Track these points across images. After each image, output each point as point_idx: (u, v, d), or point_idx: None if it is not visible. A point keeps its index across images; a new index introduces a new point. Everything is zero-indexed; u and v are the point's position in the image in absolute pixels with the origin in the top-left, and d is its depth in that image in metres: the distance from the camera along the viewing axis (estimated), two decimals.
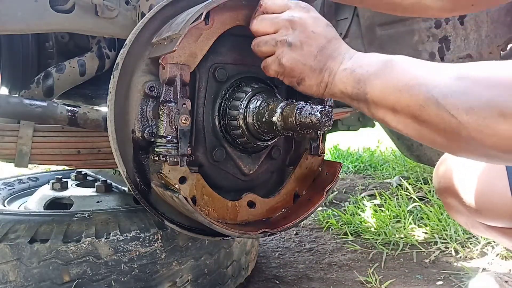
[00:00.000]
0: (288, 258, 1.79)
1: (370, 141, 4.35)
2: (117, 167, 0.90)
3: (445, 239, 1.88)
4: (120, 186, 1.59)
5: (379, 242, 1.90)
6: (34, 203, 1.52)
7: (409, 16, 1.63)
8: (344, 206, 2.47)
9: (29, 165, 1.32)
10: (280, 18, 0.84)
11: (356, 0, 1.21)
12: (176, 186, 0.84)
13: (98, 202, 1.44)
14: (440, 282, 1.53)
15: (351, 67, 0.78)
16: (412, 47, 1.76)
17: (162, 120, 0.85)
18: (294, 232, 2.11)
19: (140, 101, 0.90)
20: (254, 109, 0.90)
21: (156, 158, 0.86)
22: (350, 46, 0.84)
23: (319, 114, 0.77)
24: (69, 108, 1.19)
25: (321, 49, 0.81)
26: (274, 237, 2.02)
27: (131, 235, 1.16)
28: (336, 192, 2.85)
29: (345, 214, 2.21)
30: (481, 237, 1.82)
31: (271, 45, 0.84)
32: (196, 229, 0.99)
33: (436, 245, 1.85)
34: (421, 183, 2.72)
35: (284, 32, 0.83)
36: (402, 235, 1.94)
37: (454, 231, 1.90)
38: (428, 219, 2.07)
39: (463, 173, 1.11)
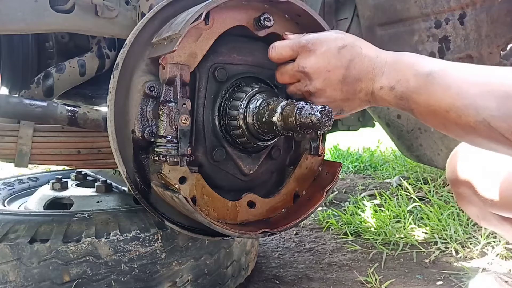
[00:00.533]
0: (288, 258, 1.79)
1: (370, 141, 4.35)
2: (117, 167, 0.90)
3: (445, 239, 1.88)
4: (120, 186, 1.59)
5: (379, 242, 1.90)
6: (34, 203, 1.52)
7: None
8: (344, 206, 2.47)
9: (29, 165, 1.32)
10: (294, 70, 0.86)
11: None
12: (176, 186, 0.84)
13: (98, 202, 1.44)
14: (440, 282, 1.53)
15: (388, 84, 0.77)
16: (412, 47, 1.76)
17: (162, 120, 0.85)
18: (294, 232, 2.11)
19: (140, 101, 0.90)
20: (254, 109, 0.90)
21: (156, 158, 0.86)
22: None
23: (319, 114, 0.77)
24: (69, 108, 1.19)
25: (343, 79, 0.81)
26: (274, 237, 2.02)
27: (131, 235, 1.16)
28: (336, 192, 2.86)
29: (345, 214, 2.21)
30: (481, 237, 1.82)
31: (300, 94, 0.89)
32: (196, 229, 0.99)
33: (436, 245, 1.85)
34: (421, 183, 2.72)
35: (303, 82, 0.85)
36: (402, 235, 1.94)
37: (454, 231, 1.90)
38: (428, 219, 2.07)
39: (478, 162, 1.11)
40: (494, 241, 1.79)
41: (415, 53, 0.79)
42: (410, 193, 2.40)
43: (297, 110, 0.80)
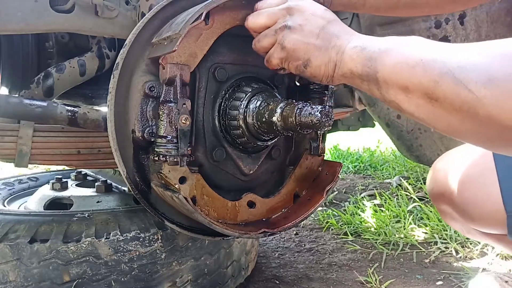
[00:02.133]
0: (288, 258, 1.79)
1: (370, 141, 4.35)
2: (117, 167, 0.90)
3: (445, 239, 1.88)
4: (120, 186, 1.59)
5: (379, 242, 1.90)
6: (34, 203, 1.52)
7: (409, 16, 1.62)
8: (344, 206, 2.47)
9: (29, 165, 1.32)
10: (276, 8, 0.83)
11: (357, 5, 1.19)
12: (176, 186, 0.84)
13: (98, 202, 1.44)
14: (440, 282, 1.53)
15: (361, 44, 0.75)
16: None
17: (162, 120, 0.85)
18: (294, 232, 2.11)
19: (140, 101, 0.90)
20: (254, 109, 0.90)
21: (156, 158, 0.86)
22: None
23: (319, 114, 0.77)
24: (69, 108, 1.19)
25: (323, 28, 0.80)
26: (274, 237, 2.02)
27: (131, 235, 1.16)
28: (336, 192, 2.86)
29: (345, 214, 2.21)
30: None
31: (271, 35, 0.84)
32: (196, 229, 0.99)
33: (436, 245, 1.85)
34: (421, 183, 2.72)
35: (281, 20, 0.82)
36: (402, 235, 1.94)
37: (454, 231, 1.89)
38: (428, 219, 2.07)
39: (456, 180, 1.10)
40: None
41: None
42: (410, 193, 2.40)
43: (297, 110, 0.80)
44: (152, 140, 0.89)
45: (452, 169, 1.13)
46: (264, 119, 0.87)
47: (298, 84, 1.06)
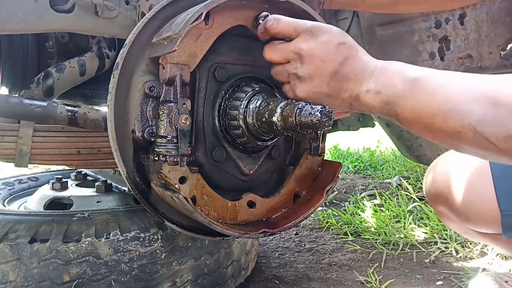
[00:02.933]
0: (288, 258, 1.79)
1: (370, 141, 4.35)
2: (117, 167, 0.90)
3: (445, 239, 1.88)
4: (120, 186, 1.59)
5: (379, 242, 1.90)
6: (34, 203, 1.52)
7: (410, 12, 1.62)
8: (344, 206, 2.47)
9: (29, 165, 1.32)
10: (289, 50, 0.83)
11: (358, 2, 1.19)
12: (176, 186, 0.84)
13: (98, 202, 1.44)
14: (440, 282, 1.53)
15: (374, 88, 0.76)
16: (412, 47, 1.76)
17: (162, 120, 0.85)
18: (294, 232, 2.11)
19: (140, 101, 0.90)
20: (254, 109, 0.90)
21: (156, 158, 0.86)
22: None
23: (319, 114, 0.77)
24: (69, 108, 1.19)
25: (334, 74, 0.80)
26: (274, 237, 2.02)
27: (131, 235, 1.16)
28: (336, 192, 2.86)
29: (345, 214, 2.21)
30: None
31: (285, 76, 0.86)
32: (196, 229, 0.99)
33: (436, 245, 1.85)
34: (421, 183, 2.72)
35: (293, 64, 0.83)
36: (402, 235, 1.94)
37: (454, 231, 1.89)
38: (428, 219, 2.07)
39: (452, 180, 1.11)
40: None
41: (403, 62, 0.79)
42: (410, 193, 2.40)
43: (297, 110, 0.80)
44: (152, 140, 0.89)
45: (448, 170, 1.14)
46: (264, 119, 0.87)
47: None
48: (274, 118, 0.84)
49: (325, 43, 0.81)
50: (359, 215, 2.23)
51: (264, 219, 1.01)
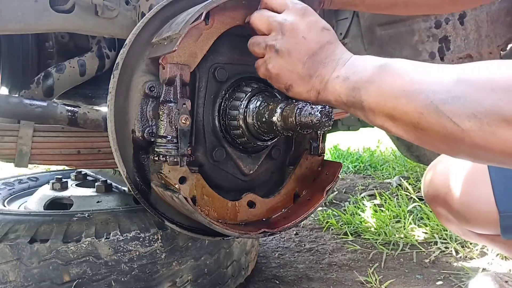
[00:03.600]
0: (288, 258, 1.79)
1: (370, 141, 4.35)
2: (117, 167, 0.90)
3: (445, 239, 1.88)
4: (120, 186, 1.59)
5: (379, 242, 1.90)
6: (34, 203, 1.52)
7: (409, 14, 1.63)
8: (344, 206, 2.47)
9: (29, 165, 1.32)
10: (275, 19, 0.82)
11: (357, 1, 1.19)
12: (176, 186, 0.84)
13: (98, 202, 1.44)
14: (440, 282, 1.53)
15: (344, 74, 0.75)
16: (412, 47, 1.76)
17: (162, 120, 0.85)
18: (294, 232, 2.11)
19: (140, 101, 0.90)
20: (254, 109, 0.90)
21: (156, 158, 0.86)
22: (350, 46, 0.83)
23: (319, 114, 0.77)
24: (69, 108, 1.19)
25: (312, 55, 0.79)
26: (274, 237, 2.02)
27: (131, 235, 1.16)
28: (336, 192, 2.86)
29: (345, 214, 2.21)
30: None
31: (262, 48, 0.84)
32: (196, 229, 0.99)
33: (436, 245, 1.85)
34: (421, 183, 2.72)
35: (274, 35, 0.81)
36: (402, 235, 1.94)
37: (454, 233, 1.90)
38: (428, 219, 2.07)
39: (450, 181, 1.11)
40: None
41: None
42: (410, 193, 2.40)
43: (297, 110, 0.80)
44: (152, 140, 0.89)
45: (446, 171, 1.14)
46: (264, 119, 0.87)
47: None
48: (274, 118, 0.84)
49: (311, 23, 0.80)
50: (359, 215, 2.23)
51: (264, 219, 1.02)
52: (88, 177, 1.78)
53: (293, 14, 0.81)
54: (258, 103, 0.90)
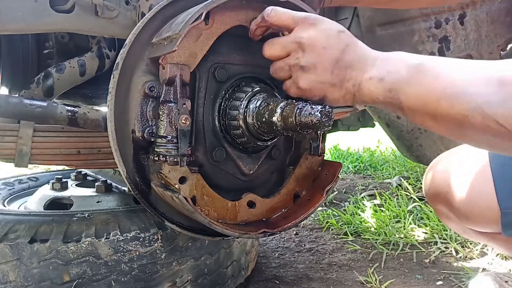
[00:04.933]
0: (288, 258, 1.79)
1: (370, 141, 4.35)
2: (117, 167, 0.90)
3: (445, 239, 1.88)
4: (120, 186, 1.59)
5: (379, 242, 1.90)
6: (34, 203, 1.52)
7: (409, 7, 1.62)
8: (344, 206, 2.47)
9: (29, 165, 1.32)
10: (289, 41, 0.82)
11: None
12: (176, 186, 0.84)
13: (98, 202, 1.44)
14: (440, 282, 1.53)
15: (378, 75, 0.74)
16: (412, 47, 1.76)
17: (162, 120, 0.85)
18: (294, 232, 2.11)
19: (140, 101, 0.90)
20: (254, 109, 0.90)
21: (156, 158, 0.86)
22: None
23: (319, 114, 0.77)
24: (69, 108, 1.19)
25: (336, 62, 0.78)
26: (274, 237, 2.02)
27: (131, 235, 1.16)
28: (336, 192, 2.86)
29: (345, 214, 2.21)
30: None
31: (286, 70, 0.84)
32: (196, 229, 0.99)
33: (436, 245, 1.85)
34: (421, 183, 2.72)
35: (295, 55, 0.81)
36: (402, 235, 1.94)
37: (454, 231, 1.89)
38: (428, 219, 2.07)
39: (451, 179, 1.11)
40: None
41: (405, 52, 0.77)
42: (410, 193, 2.40)
43: (297, 110, 0.80)
44: (152, 140, 0.89)
45: (447, 169, 1.14)
46: (264, 119, 0.87)
47: None
48: (274, 118, 0.84)
49: (325, 30, 0.80)
50: (359, 215, 2.23)
51: (264, 219, 1.02)
52: (88, 177, 1.78)
53: (304, 28, 0.81)
54: (258, 103, 0.90)
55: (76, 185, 1.65)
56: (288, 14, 0.83)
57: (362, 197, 2.62)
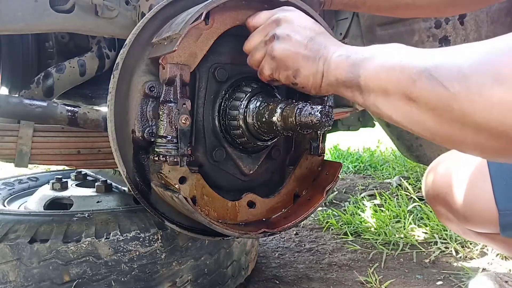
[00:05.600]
0: (288, 258, 1.79)
1: (370, 141, 4.35)
2: (117, 167, 0.90)
3: (445, 239, 1.88)
4: (120, 186, 1.59)
5: (379, 242, 1.90)
6: (34, 203, 1.52)
7: (410, 16, 1.63)
8: (344, 206, 2.47)
9: (29, 165, 1.32)
10: (266, 23, 0.85)
11: (358, 3, 1.19)
12: (176, 186, 0.84)
13: (98, 202, 1.44)
14: (440, 282, 1.53)
15: (346, 53, 0.76)
16: (412, 47, 1.76)
17: (162, 120, 0.85)
18: (294, 232, 2.11)
19: (140, 101, 0.90)
20: (254, 109, 0.90)
21: (156, 158, 0.86)
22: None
23: (319, 114, 0.77)
24: (69, 108, 1.19)
25: (311, 39, 0.81)
26: (274, 237, 2.02)
27: (131, 235, 1.16)
28: (336, 192, 2.86)
29: (345, 214, 2.21)
30: None
31: (262, 48, 0.86)
32: (196, 229, 0.99)
33: (436, 245, 1.85)
34: (421, 183, 2.72)
35: (271, 30, 0.84)
36: (402, 235, 1.94)
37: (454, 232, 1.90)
38: (428, 219, 2.07)
39: (450, 180, 1.11)
40: None
41: None
42: (410, 193, 2.40)
43: (297, 110, 0.80)
44: (152, 140, 0.89)
45: (447, 170, 1.14)
46: (264, 119, 0.87)
47: None
48: (274, 118, 0.84)
49: (302, 16, 0.85)
50: (359, 215, 2.23)
51: (264, 219, 1.02)
52: (88, 177, 1.78)
53: (282, 10, 0.86)
54: (258, 103, 0.90)
55: (76, 185, 1.65)
56: (266, 12, 0.88)
57: (362, 197, 2.62)
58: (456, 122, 0.60)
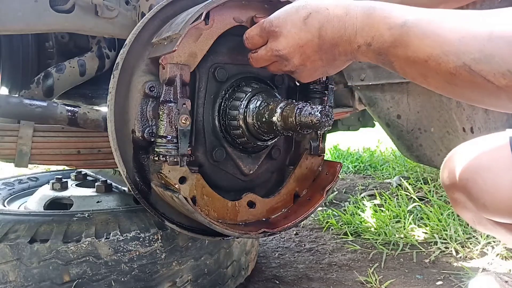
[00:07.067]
0: (288, 258, 1.79)
1: (370, 141, 4.35)
2: (117, 167, 0.90)
3: (445, 239, 1.88)
4: (120, 186, 1.59)
5: (379, 242, 1.90)
6: (34, 203, 1.52)
7: None
8: (344, 206, 2.47)
9: (29, 165, 1.32)
10: (268, 54, 0.84)
11: None
12: (176, 186, 0.84)
13: (98, 202, 1.44)
14: (440, 282, 1.53)
15: (364, 42, 0.74)
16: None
17: (162, 120, 0.85)
18: (294, 232, 2.11)
19: (140, 101, 0.90)
20: (254, 109, 0.90)
21: (156, 158, 0.86)
22: None
23: (319, 114, 0.77)
24: (69, 108, 1.19)
25: (319, 49, 0.79)
26: (274, 237, 2.02)
27: (131, 235, 1.16)
28: (336, 192, 2.86)
29: (345, 214, 2.21)
30: (481, 237, 1.82)
31: (283, 72, 0.88)
32: (196, 229, 0.99)
33: (436, 245, 1.85)
34: (421, 183, 2.72)
35: (281, 63, 0.84)
36: (402, 235, 1.94)
37: (454, 231, 1.90)
38: (428, 219, 2.07)
39: (472, 167, 1.10)
40: (494, 241, 1.80)
41: (386, 2, 0.75)
42: (410, 193, 2.40)
43: (297, 110, 0.80)
44: (152, 140, 0.89)
45: (466, 157, 1.12)
46: (264, 119, 0.87)
47: (298, 84, 1.06)
48: (274, 118, 0.84)
49: (292, 30, 0.79)
50: (359, 215, 2.23)
51: (264, 219, 1.02)
52: (88, 177, 1.78)
53: (275, 39, 0.82)
54: (258, 103, 0.90)
55: (76, 185, 1.65)
56: (256, 36, 0.85)
57: (362, 197, 2.62)
58: (504, 101, 0.63)
